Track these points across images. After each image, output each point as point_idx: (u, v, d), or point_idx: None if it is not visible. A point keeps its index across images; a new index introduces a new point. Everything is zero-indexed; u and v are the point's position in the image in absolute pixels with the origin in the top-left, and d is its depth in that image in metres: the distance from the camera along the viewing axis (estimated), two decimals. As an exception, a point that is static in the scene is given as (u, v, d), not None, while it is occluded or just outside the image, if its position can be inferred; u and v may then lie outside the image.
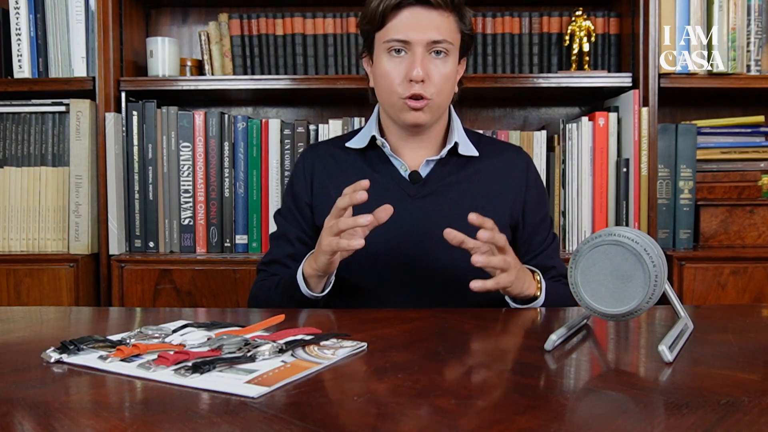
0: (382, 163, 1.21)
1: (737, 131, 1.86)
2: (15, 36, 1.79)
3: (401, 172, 1.20)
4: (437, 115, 1.17)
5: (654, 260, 0.72)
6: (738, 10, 1.74)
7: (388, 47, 1.12)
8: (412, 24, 1.09)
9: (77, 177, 1.75)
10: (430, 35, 1.10)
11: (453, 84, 1.17)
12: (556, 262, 1.23)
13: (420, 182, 1.19)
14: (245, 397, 0.58)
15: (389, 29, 1.11)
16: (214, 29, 1.87)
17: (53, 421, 0.53)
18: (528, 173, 1.24)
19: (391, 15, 1.10)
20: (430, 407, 0.56)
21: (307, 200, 1.23)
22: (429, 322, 0.90)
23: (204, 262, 1.73)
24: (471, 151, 1.21)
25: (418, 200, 1.17)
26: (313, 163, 1.25)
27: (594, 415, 0.54)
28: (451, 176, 1.19)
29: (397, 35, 1.10)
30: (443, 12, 1.11)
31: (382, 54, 1.13)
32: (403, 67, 1.11)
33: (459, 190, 1.18)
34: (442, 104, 1.16)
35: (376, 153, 1.21)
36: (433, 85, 1.11)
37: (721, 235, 1.77)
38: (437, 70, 1.11)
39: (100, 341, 0.75)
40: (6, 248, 1.78)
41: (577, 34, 1.81)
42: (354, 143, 1.23)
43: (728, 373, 0.66)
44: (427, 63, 1.10)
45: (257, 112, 2.09)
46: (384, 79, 1.14)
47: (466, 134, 1.24)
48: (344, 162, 1.23)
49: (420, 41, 1.10)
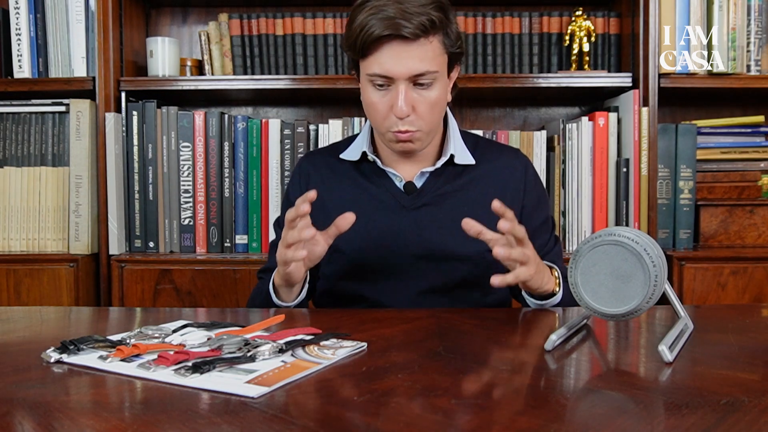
0: (376, 174, 1.19)
1: (737, 131, 1.86)
2: (15, 36, 1.79)
3: (396, 183, 1.18)
4: (428, 140, 1.14)
5: (654, 260, 0.72)
6: (738, 10, 1.74)
7: (371, 80, 1.08)
8: (393, 59, 1.04)
9: (77, 177, 1.75)
10: (412, 69, 1.04)
11: (443, 104, 1.13)
12: (559, 266, 1.20)
13: (415, 193, 1.17)
14: (245, 397, 0.58)
15: (371, 63, 1.06)
16: (214, 29, 1.87)
17: (53, 421, 0.53)
18: (526, 177, 1.21)
19: (371, 48, 1.05)
20: (430, 407, 0.56)
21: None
22: (429, 322, 0.90)
23: (204, 262, 1.73)
24: (467, 159, 1.19)
25: (413, 211, 1.16)
26: (308, 172, 1.24)
27: (594, 415, 0.54)
28: (447, 186, 1.17)
29: (378, 70, 1.05)
30: (425, 41, 1.04)
31: (367, 83, 1.09)
32: (387, 101, 1.08)
33: (455, 200, 1.17)
34: (434, 129, 1.13)
35: (370, 165, 1.20)
36: (419, 117, 1.08)
37: (721, 235, 1.77)
38: (423, 101, 1.07)
39: (100, 341, 0.75)
40: (6, 248, 1.78)
41: (577, 34, 1.81)
42: (347, 155, 1.22)
43: (728, 373, 0.66)
44: (411, 96, 1.06)
45: (257, 112, 2.09)
46: (370, 109, 1.11)
47: (463, 139, 1.22)
48: (340, 172, 1.22)
49: (401, 76, 1.05)
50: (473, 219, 0.97)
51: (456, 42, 1.10)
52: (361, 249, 1.14)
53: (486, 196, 1.18)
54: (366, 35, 1.03)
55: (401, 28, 1.01)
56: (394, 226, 1.15)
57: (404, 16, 1.02)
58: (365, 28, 1.03)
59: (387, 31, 1.02)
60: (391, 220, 1.16)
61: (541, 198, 1.24)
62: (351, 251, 1.15)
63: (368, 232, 1.15)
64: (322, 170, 1.24)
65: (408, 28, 1.02)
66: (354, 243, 1.14)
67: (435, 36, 1.06)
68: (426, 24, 1.03)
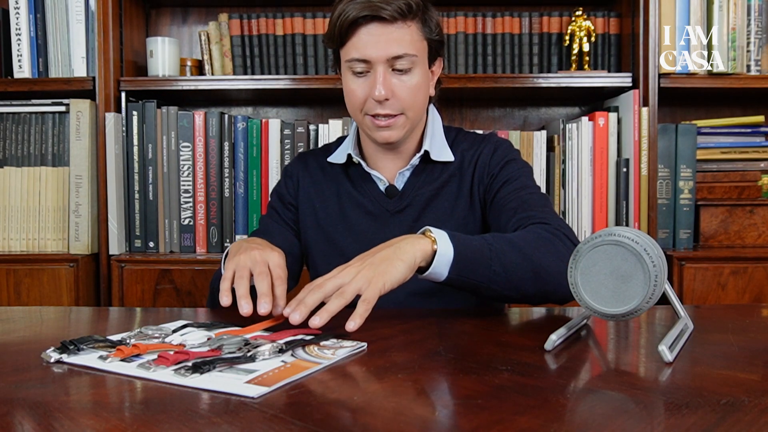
0: (362, 179, 1.19)
1: (737, 131, 1.86)
2: (15, 36, 1.79)
3: (379, 187, 1.18)
4: (409, 129, 1.14)
5: (654, 260, 0.72)
6: (738, 10, 1.74)
7: (350, 66, 1.08)
8: (371, 41, 1.05)
9: (77, 177, 1.75)
10: (390, 51, 1.05)
11: (424, 94, 1.12)
12: (536, 211, 1.06)
13: (397, 196, 1.17)
14: (245, 397, 0.58)
15: (349, 48, 1.07)
16: (214, 29, 1.87)
17: (53, 421, 0.53)
18: (493, 155, 1.17)
19: (349, 33, 1.06)
20: (430, 407, 0.56)
21: (293, 201, 1.24)
22: (429, 322, 0.89)
23: (204, 262, 1.73)
24: (445, 156, 1.17)
25: (397, 215, 1.16)
26: (299, 176, 1.25)
27: (594, 415, 0.54)
28: (426, 186, 1.17)
29: (356, 54, 1.06)
30: (402, 24, 1.05)
31: (347, 72, 1.10)
32: (366, 86, 1.08)
33: (435, 199, 1.16)
34: (414, 117, 1.12)
35: (356, 168, 1.20)
36: (398, 101, 1.08)
37: (721, 235, 1.77)
38: (402, 86, 1.07)
39: (100, 341, 0.75)
40: (6, 248, 1.78)
41: (577, 34, 1.81)
42: (335, 158, 1.22)
43: (728, 373, 0.66)
44: (389, 80, 1.06)
45: (257, 112, 2.09)
46: (349, 98, 1.11)
47: (445, 134, 1.21)
48: (330, 175, 1.23)
49: (380, 58, 1.05)
50: (455, 217, 0.93)
51: (435, 30, 1.11)
52: (349, 257, 1.13)
53: (465, 190, 1.17)
54: (343, 19, 1.04)
55: (379, 9, 1.03)
56: (379, 232, 1.15)
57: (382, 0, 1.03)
58: (343, 14, 1.05)
59: (364, 12, 1.03)
60: (376, 225, 1.16)
61: (510, 165, 1.16)
62: (340, 259, 1.14)
63: (355, 239, 1.16)
64: (312, 173, 1.25)
65: (386, 10, 1.03)
66: (342, 251, 1.15)
67: (413, 21, 1.07)
68: (403, 7, 1.04)
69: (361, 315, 0.79)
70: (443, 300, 1.13)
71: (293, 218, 1.24)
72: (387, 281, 0.83)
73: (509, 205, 1.10)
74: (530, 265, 0.93)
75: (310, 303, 0.81)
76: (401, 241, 0.88)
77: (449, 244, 0.89)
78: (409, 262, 0.85)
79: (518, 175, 1.14)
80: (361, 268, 0.84)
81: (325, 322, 0.78)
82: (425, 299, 1.12)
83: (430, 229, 0.90)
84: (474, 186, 1.17)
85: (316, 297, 0.81)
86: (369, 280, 0.82)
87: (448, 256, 0.88)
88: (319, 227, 1.20)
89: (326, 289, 0.82)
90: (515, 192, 1.11)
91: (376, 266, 0.84)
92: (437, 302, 1.13)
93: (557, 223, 1.02)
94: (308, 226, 1.22)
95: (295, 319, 0.79)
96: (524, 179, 1.14)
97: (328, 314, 0.79)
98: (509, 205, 1.10)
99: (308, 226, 1.22)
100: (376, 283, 0.82)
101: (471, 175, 1.18)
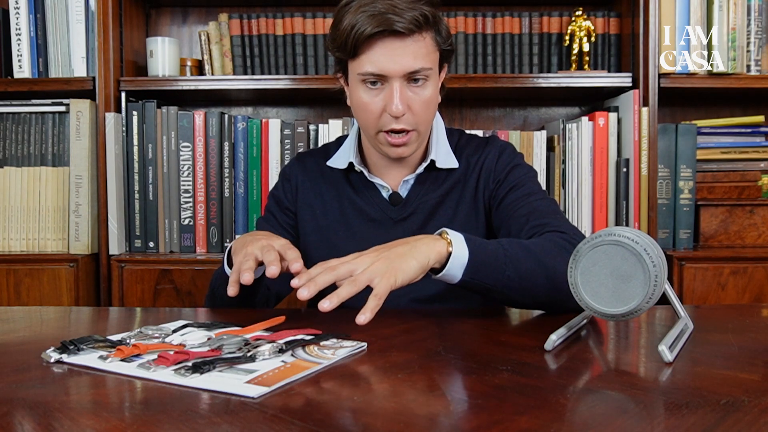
0: (363, 185, 1.17)
1: (737, 131, 1.86)
2: (15, 36, 1.79)
3: (383, 194, 1.17)
4: (421, 143, 1.12)
5: (654, 260, 0.72)
6: (738, 10, 1.74)
7: (363, 79, 1.05)
8: (387, 56, 1.01)
9: (77, 177, 1.75)
10: (407, 66, 1.02)
11: (435, 104, 1.10)
12: (550, 219, 1.06)
13: (401, 204, 1.16)
14: (245, 397, 0.58)
15: (362, 61, 1.03)
16: (214, 29, 1.87)
17: (53, 421, 0.53)
18: (498, 160, 1.16)
19: (363, 46, 1.01)
20: (430, 407, 0.56)
21: (291, 207, 1.22)
22: (429, 322, 0.90)
23: (204, 262, 1.73)
24: (450, 163, 1.16)
25: (400, 223, 1.15)
26: (298, 176, 1.23)
27: (594, 415, 0.54)
28: (431, 193, 1.16)
29: (371, 68, 1.02)
30: (418, 37, 1.02)
31: (357, 84, 1.06)
32: (380, 100, 1.05)
33: (440, 207, 1.15)
34: (425, 132, 1.11)
35: (358, 174, 1.17)
36: (414, 115, 1.05)
37: (721, 235, 1.77)
38: (417, 99, 1.05)
39: (100, 341, 0.75)
40: (6, 248, 1.78)
41: (577, 34, 1.81)
42: (335, 162, 1.19)
43: (728, 373, 0.66)
44: (405, 94, 1.04)
45: (257, 112, 2.09)
46: (362, 111, 1.08)
47: (448, 139, 1.19)
48: (330, 179, 1.20)
49: (396, 74, 1.02)
50: (459, 223, 0.91)
51: (447, 39, 1.08)
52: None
53: (470, 196, 1.16)
54: (358, 33, 1.00)
55: (394, 23, 0.99)
56: (382, 239, 1.14)
57: (395, 11, 0.99)
58: (356, 27, 1.00)
59: (380, 27, 0.99)
60: (380, 233, 1.14)
61: (515, 170, 1.16)
62: None
63: (357, 246, 1.15)
64: (312, 176, 1.22)
65: (401, 23, 0.99)
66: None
67: (428, 32, 1.04)
68: (419, 19, 1.01)
69: (372, 309, 0.78)
70: (445, 307, 1.13)
71: (291, 223, 1.22)
72: (399, 277, 0.82)
73: (519, 212, 1.09)
74: (544, 272, 0.92)
75: (321, 283, 0.80)
76: (418, 240, 0.88)
77: (465, 247, 0.88)
78: (422, 262, 0.85)
79: (525, 181, 1.14)
80: (376, 260, 0.83)
81: (334, 307, 0.77)
82: (427, 306, 1.12)
83: (447, 230, 0.90)
84: (479, 192, 1.16)
85: (327, 278, 0.81)
86: (382, 273, 0.81)
87: (463, 259, 0.88)
88: (319, 232, 1.19)
89: (339, 273, 0.82)
90: (524, 198, 1.11)
91: (392, 261, 0.83)
92: (439, 309, 1.13)
93: (573, 232, 1.02)
94: (308, 231, 1.20)
95: (303, 295, 0.79)
96: (531, 185, 1.14)
97: (338, 299, 0.78)
98: (519, 211, 1.09)
99: (308, 231, 1.20)
100: (389, 277, 0.81)
101: (476, 180, 1.17)
